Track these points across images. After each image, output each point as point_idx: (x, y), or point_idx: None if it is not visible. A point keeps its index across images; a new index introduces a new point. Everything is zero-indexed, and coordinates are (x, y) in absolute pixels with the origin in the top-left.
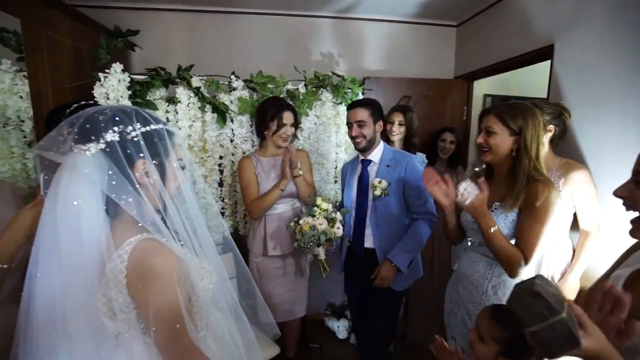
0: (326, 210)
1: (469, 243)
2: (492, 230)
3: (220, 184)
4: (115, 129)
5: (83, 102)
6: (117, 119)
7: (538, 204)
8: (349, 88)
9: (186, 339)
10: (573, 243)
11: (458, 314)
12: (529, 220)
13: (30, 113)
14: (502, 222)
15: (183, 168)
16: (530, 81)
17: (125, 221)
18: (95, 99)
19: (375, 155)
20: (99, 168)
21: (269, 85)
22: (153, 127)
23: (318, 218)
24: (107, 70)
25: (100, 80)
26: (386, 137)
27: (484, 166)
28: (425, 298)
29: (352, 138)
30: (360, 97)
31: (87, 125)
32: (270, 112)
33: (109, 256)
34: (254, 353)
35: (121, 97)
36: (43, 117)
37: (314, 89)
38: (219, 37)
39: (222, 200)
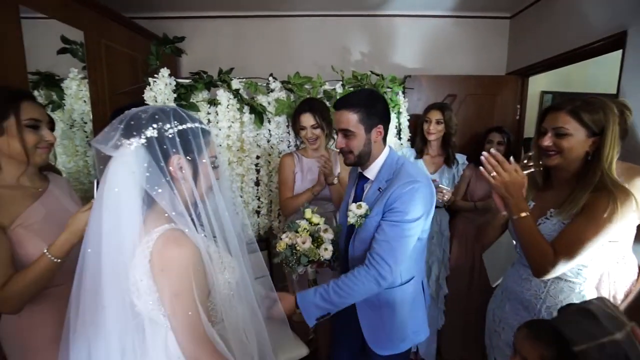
0: (317, 225)
1: (518, 255)
2: (522, 215)
3: (257, 183)
4: (155, 125)
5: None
6: (156, 117)
7: (605, 215)
8: (388, 87)
9: (199, 327)
10: (638, 259)
11: (502, 335)
12: (581, 223)
13: (91, 115)
14: (555, 232)
15: (217, 167)
16: (596, 75)
17: (157, 211)
18: (145, 102)
19: (372, 171)
20: (139, 160)
21: (306, 86)
22: (189, 125)
23: (301, 235)
24: (155, 75)
25: (149, 85)
26: (423, 137)
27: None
28: (462, 311)
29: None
30: (401, 97)
31: (132, 122)
32: (295, 114)
33: (139, 240)
34: (266, 350)
35: (167, 99)
36: (101, 119)
37: (351, 88)
38: (261, 40)
39: (258, 199)
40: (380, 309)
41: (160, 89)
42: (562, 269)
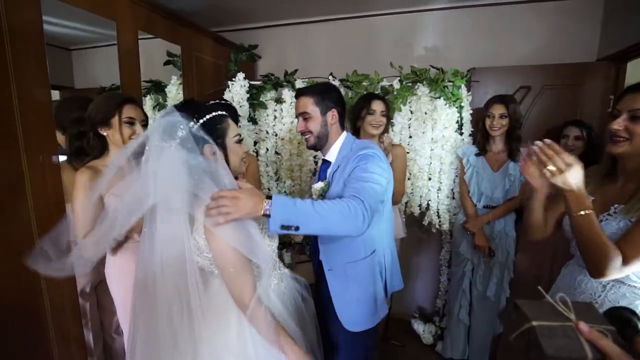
0: None
1: (573, 254)
2: (585, 212)
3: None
4: (182, 126)
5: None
6: (182, 119)
7: None
8: (449, 81)
9: (240, 282)
10: None
11: None
12: None
13: None
14: (619, 231)
15: (241, 141)
16: None
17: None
18: (226, 101)
19: (332, 153)
20: (183, 157)
21: (364, 83)
22: (208, 116)
23: None
24: (233, 79)
25: (228, 87)
26: (485, 133)
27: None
28: None
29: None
30: (464, 91)
31: (168, 128)
32: (365, 100)
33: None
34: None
35: (242, 99)
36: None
37: (409, 84)
38: (323, 42)
39: None
40: (348, 283)
41: (236, 90)
42: (628, 271)
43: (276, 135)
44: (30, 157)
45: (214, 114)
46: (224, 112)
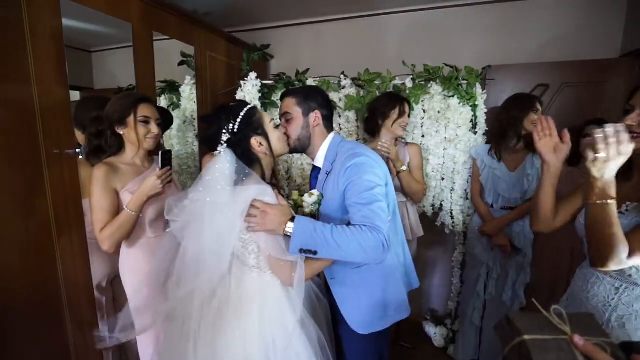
0: (300, 207)
1: (587, 257)
2: (605, 202)
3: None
4: (224, 131)
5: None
6: (222, 124)
7: None
8: (464, 79)
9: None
10: None
11: None
12: None
13: (196, 113)
14: (629, 228)
15: (278, 126)
16: None
17: (248, 182)
18: (238, 99)
19: (319, 158)
20: (229, 158)
21: (375, 82)
22: (242, 113)
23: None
24: (245, 79)
25: (241, 87)
26: (519, 134)
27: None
28: None
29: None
30: (478, 89)
31: (212, 138)
32: (391, 102)
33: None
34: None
35: (254, 98)
36: (204, 115)
37: (422, 82)
38: (335, 41)
39: None
40: (352, 290)
41: (248, 90)
42: (630, 264)
43: None
44: (49, 154)
45: (245, 109)
46: (252, 105)
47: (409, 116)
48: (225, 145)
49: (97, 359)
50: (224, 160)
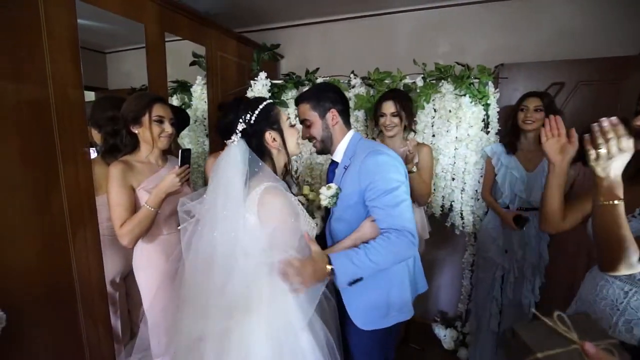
0: (312, 201)
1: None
2: (613, 202)
3: None
4: (240, 121)
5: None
6: (239, 114)
7: None
8: (475, 78)
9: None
10: None
11: None
12: None
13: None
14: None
15: (294, 125)
16: None
17: (259, 177)
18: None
19: (338, 153)
20: (242, 148)
21: (386, 81)
22: (260, 106)
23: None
24: (255, 78)
25: (251, 86)
26: (516, 129)
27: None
28: None
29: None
30: (490, 87)
31: (228, 126)
32: (378, 102)
33: (249, 192)
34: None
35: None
36: (214, 114)
37: (433, 81)
38: (345, 40)
39: None
40: (356, 289)
41: (258, 89)
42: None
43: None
44: (64, 152)
45: (264, 103)
46: (272, 100)
47: (398, 115)
48: (239, 135)
49: (109, 353)
50: (237, 151)
